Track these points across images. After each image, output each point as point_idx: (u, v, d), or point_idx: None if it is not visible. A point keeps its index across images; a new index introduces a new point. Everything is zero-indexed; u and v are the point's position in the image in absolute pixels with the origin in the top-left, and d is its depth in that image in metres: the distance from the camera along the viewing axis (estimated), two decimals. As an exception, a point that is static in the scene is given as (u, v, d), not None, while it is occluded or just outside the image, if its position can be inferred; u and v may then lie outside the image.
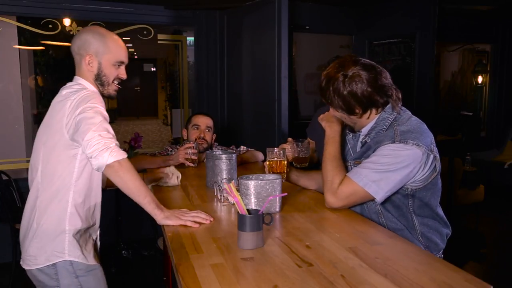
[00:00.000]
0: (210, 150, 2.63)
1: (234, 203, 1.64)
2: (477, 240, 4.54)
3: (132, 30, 4.25)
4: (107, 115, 1.57)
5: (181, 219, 1.49)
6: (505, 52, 6.39)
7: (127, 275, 3.68)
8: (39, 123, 1.73)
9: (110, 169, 1.48)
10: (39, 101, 5.27)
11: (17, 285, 3.25)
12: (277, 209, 1.63)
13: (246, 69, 3.94)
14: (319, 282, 1.06)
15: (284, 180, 1.90)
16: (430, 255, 1.34)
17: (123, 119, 13.57)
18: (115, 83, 1.77)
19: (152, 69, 14.08)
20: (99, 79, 1.73)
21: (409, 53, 4.38)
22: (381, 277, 1.09)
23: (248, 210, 1.33)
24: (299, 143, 2.03)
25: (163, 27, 4.66)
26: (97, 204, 1.77)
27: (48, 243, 1.62)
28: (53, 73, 5.94)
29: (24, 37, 4.54)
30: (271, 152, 1.94)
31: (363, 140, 1.69)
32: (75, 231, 1.65)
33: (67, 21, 3.96)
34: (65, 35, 4.06)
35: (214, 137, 2.84)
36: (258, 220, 1.28)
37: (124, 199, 1.79)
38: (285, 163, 1.94)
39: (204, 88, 4.42)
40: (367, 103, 1.61)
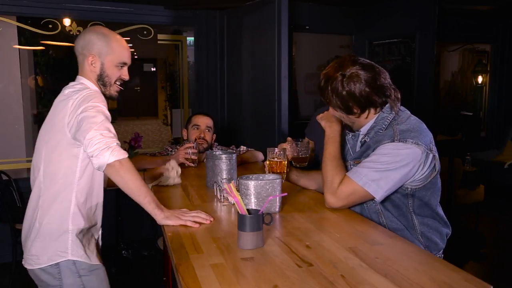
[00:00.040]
0: (210, 150, 2.63)
1: (234, 203, 1.64)
2: (477, 240, 4.54)
3: (132, 30, 4.25)
4: (109, 114, 1.57)
5: (181, 219, 1.49)
6: (505, 52, 6.39)
7: (127, 275, 3.68)
8: (39, 123, 1.73)
9: (111, 169, 1.49)
10: (39, 101, 5.27)
11: (17, 285, 3.25)
12: (277, 209, 1.63)
13: (246, 69, 3.94)
14: (319, 282, 1.06)
15: (284, 180, 1.90)
16: (430, 255, 1.34)
17: (123, 119, 13.54)
18: (117, 84, 1.77)
19: (152, 69, 14.07)
20: (101, 79, 1.73)
21: (409, 53, 4.38)
22: (381, 277, 1.09)
23: (248, 210, 1.33)
24: (298, 142, 2.03)
25: (163, 27, 4.66)
26: (99, 203, 1.77)
27: (51, 243, 1.62)
28: (53, 73, 5.93)
29: (24, 37, 4.53)
30: (271, 152, 1.95)
31: (362, 139, 1.69)
32: (78, 230, 1.64)
33: (67, 21, 3.97)
34: (65, 35, 4.07)
35: (214, 137, 2.84)
36: (258, 220, 1.28)
37: (124, 199, 1.80)
38: (285, 163, 1.94)
39: (204, 88, 4.42)
40: (365, 103, 1.61)
